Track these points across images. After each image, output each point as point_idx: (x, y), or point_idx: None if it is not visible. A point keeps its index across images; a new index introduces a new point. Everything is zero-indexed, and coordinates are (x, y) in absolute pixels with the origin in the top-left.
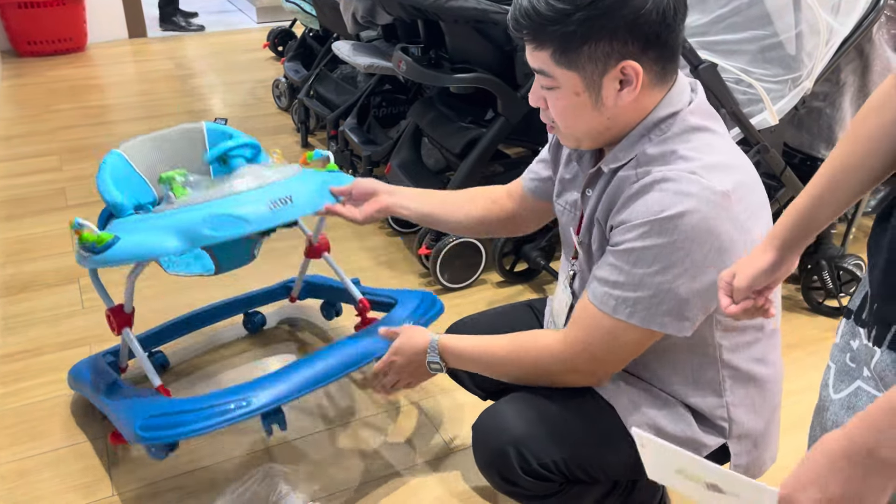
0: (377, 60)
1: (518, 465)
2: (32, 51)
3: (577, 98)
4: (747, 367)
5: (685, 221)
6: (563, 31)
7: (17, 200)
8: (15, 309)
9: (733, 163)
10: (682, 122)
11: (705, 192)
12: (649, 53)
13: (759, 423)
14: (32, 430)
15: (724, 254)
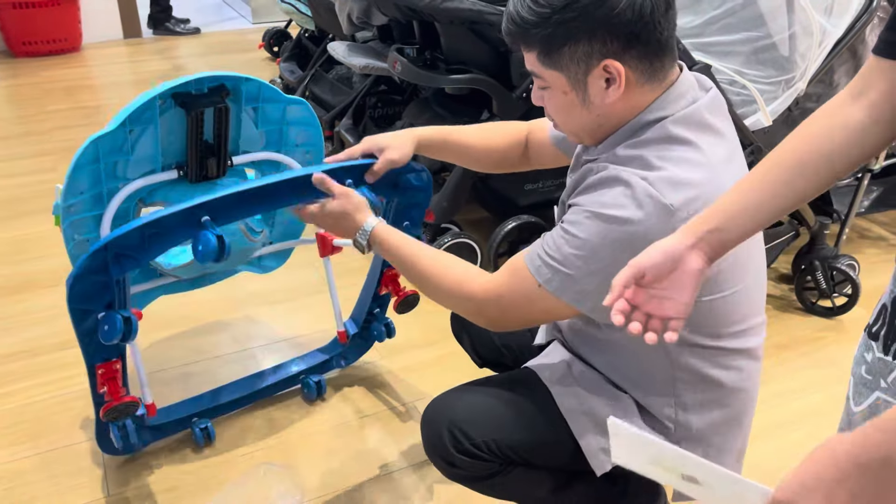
0: (372, 61)
1: (452, 445)
2: (27, 51)
3: (565, 97)
4: (705, 371)
5: (621, 228)
6: (544, 34)
7: (13, 201)
8: (11, 310)
9: (697, 180)
10: (661, 129)
11: (650, 202)
12: (631, 52)
13: (711, 430)
14: (29, 430)
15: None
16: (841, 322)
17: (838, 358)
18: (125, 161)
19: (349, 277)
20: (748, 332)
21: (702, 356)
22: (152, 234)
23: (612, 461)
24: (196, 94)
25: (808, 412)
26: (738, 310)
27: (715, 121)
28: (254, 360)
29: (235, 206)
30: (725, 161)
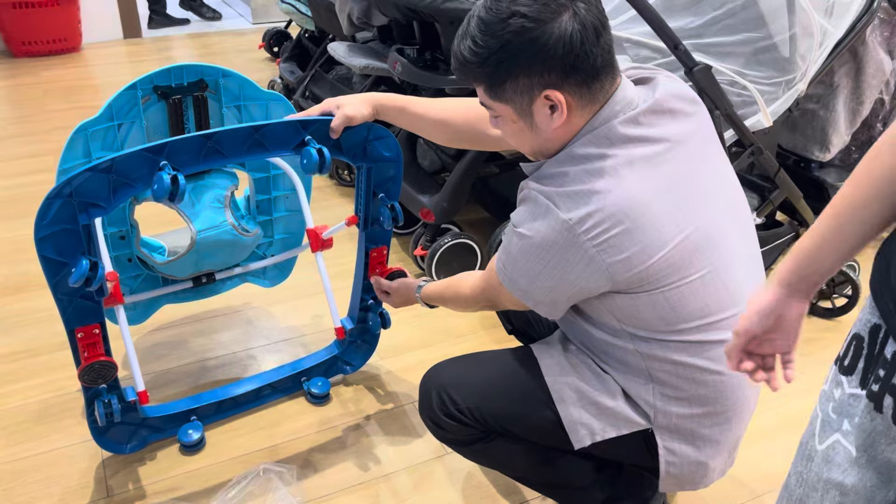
0: (372, 62)
1: (439, 407)
2: (27, 51)
3: (515, 125)
4: (681, 363)
5: (529, 242)
6: (486, 72)
7: (13, 201)
8: (10, 309)
9: (599, 192)
10: (581, 147)
11: (550, 218)
12: (569, 80)
13: (695, 423)
14: (28, 431)
15: (560, 272)
16: (840, 323)
17: None
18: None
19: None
20: (723, 323)
21: (672, 349)
22: (116, 180)
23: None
24: (176, 87)
25: (806, 414)
26: (695, 303)
27: (638, 130)
28: (254, 360)
29: (193, 151)
30: (649, 164)
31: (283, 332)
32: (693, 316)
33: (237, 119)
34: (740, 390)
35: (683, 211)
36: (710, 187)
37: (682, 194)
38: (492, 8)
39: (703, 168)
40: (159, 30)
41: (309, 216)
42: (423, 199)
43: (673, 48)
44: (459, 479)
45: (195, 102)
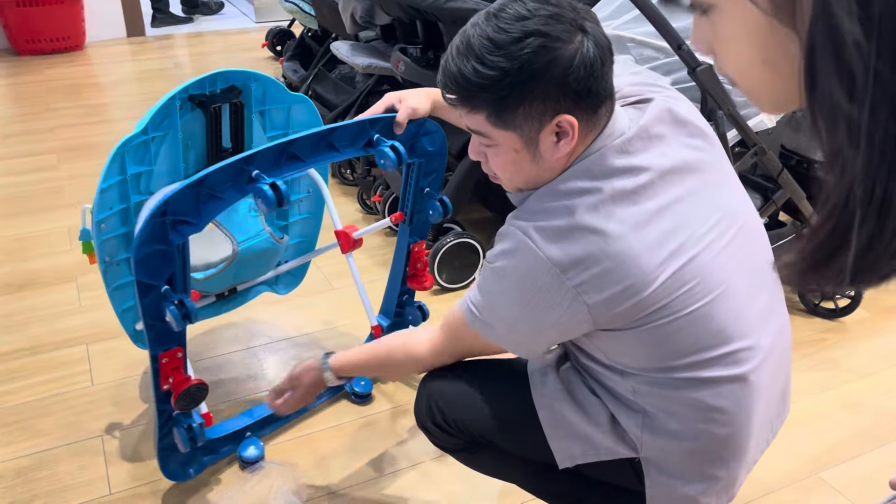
0: (375, 61)
1: (427, 415)
2: (31, 49)
3: (516, 154)
4: (673, 400)
5: (507, 281)
6: (495, 97)
7: (16, 199)
8: (12, 307)
9: (581, 231)
10: (566, 182)
11: (531, 258)
12: (582, 105)
13: (684, 461)
14: (30, 428)
15: (541, 313)
16: (843, 324)
17: (840, 359)
18: (148, 174)
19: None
20: (717, 361)
21: (662, 386)
22: (206, 194)
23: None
24: (210, 95)
25: (809, 414)
26: (684, 340)
27: (624, 160)
28: (256, 359)
29: (275, 159)
30: (636, 198)
31: (285, 331)
32: (683, 353)
33: (261, 125)
34: (735, 439)
35: (671, 246)
36: (706, 215)
37: (670, 228)
38: (501, 27)
39: (699, 196)
40: (162, 28)
41: (336, 218)
42: None
43: (676, 48)
44: (462, 479)
45: (232, 109)
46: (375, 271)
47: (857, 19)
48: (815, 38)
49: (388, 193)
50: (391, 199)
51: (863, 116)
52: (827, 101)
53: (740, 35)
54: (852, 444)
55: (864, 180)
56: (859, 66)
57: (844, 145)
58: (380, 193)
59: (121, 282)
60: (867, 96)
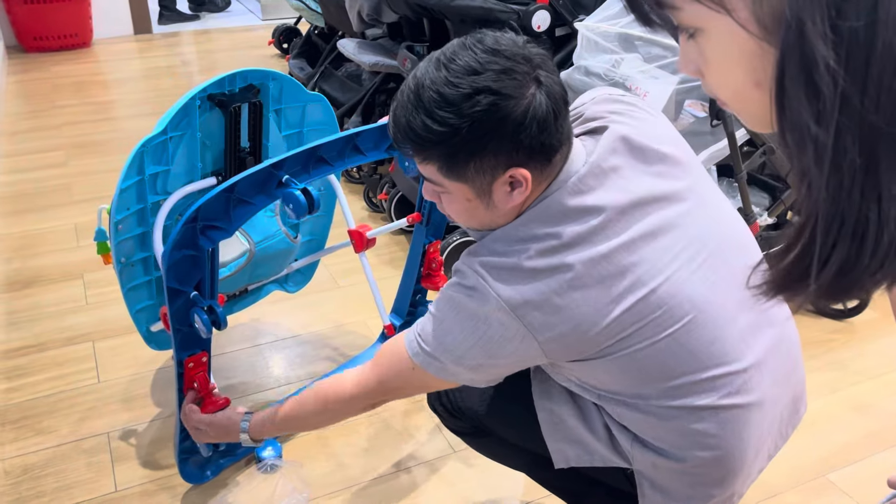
0: (382, 59)
1: (437, 398)
2: (38, 46)
3: (468, 203)
4: (654, 429)
5: (460, 317)
6: (444, 152)
7: (23, 196)
8: (19, 304)
9: (535, 270)
10: (521, 228)
11: (482, 292)
12: (536, 157)
13: (676, 481)
14: (37, 425)
15: (495, 351)
16: (851, 325)
17: (848, 361)
18: (165, 174)
19: (354, 276)
20: (692, 387)
21: (643, 412)
22: (236, 200)
23: None
24: (229, 94)
25: (817, 415)
26: (656, 368)
27: (577, 200)
28: (262, 357)
29: (310, 163)
30: (591, 236)
31: (290, 329)
32: (654, 381)
33: (276, 124)
34: (726, 460)
35: (625, 282)
36: (668, 245)
37: (627, 265)
38: (451, 82)
39: (662, 226)
40: (169, 25)
41: (350, 217)
42: None
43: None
44: (465, 479)
45: (251, 109)
46: (383, 269)
47: (831, 43)
48: (787, 61)
49: (394, 192)
50: (397, 197)
51: (828, 140)
52: (796, 122)
53: (730, 58)
54: (861, 445)
55: (829, 202)
56: (829, 90)
57: (811, 167)
58: (386, 191)
59: (136, 282)
60: (833, 120)
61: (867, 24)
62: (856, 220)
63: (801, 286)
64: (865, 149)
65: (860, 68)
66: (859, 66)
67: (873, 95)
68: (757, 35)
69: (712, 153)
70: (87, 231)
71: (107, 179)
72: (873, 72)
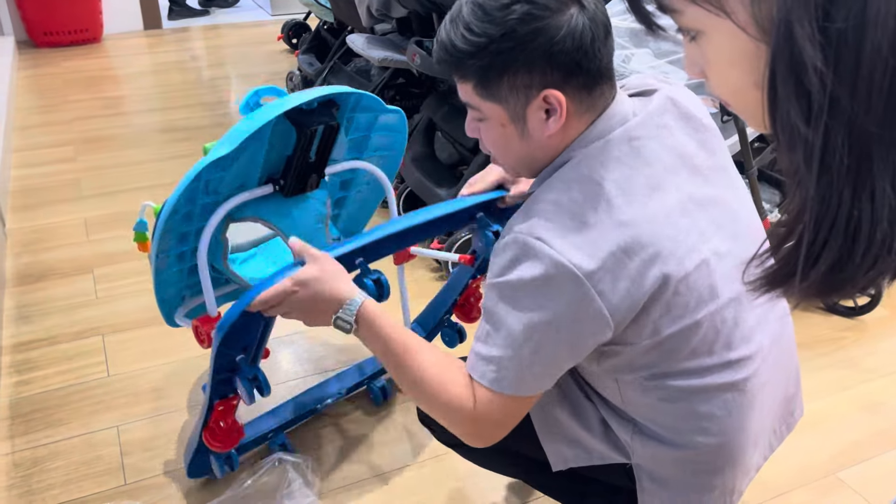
0: (391, 54)
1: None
2: (49, 41)
3: (503, 129)
4: (665, 410)
5: (518, 292)
6: (481, 65)
7: (33, 190)
8: (30, 298)
9: (598, 224)
10: (577, 168)
11: (545, 260)
12: (572, 82)
13: (677, 469)
14: (47, 418)
15: (567, 330)
16: (862, 322)
17: (859, 359)
18: (220, 177)
19: None
20: (714, 368)
21: (654, 394)
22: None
23: None
24: (307, 109)
25: (827, 413)
26: (687, 344)
27: (630, 149)
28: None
29: (386, 246)
30: (650, 187)
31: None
32: (680, 359)
33: (344, 129)
34: (728, 448)
35: (681, 247)
36: (711, 217)
37: (681, 227)
38: None
39: (704, 192)
40: (179, 21)
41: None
42: (441, 191)
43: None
44: (472, 474)
45: (325, 132)
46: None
47: (819, 46)
48: (777, 63)
49: (402, 187)
50: (406, 193)
51: (817, 140)
52: (786, 123)
53: (730, 60)
54: (871, 443)
55: (817, 201)
56: (818, 91)
57: (801, 166)
58: (394, 186)
59: (166, 272)
60: (822, 120)
61: (855, 25)
62: (847, 218)
63: (791, 283)
64: (856, 149)
65: (849, 70)
66: (848, 67)
67: (863, 97)
68: (755, 37)
69: None
70: (96, 226)
71: (117, 174)
72: (863, 73)
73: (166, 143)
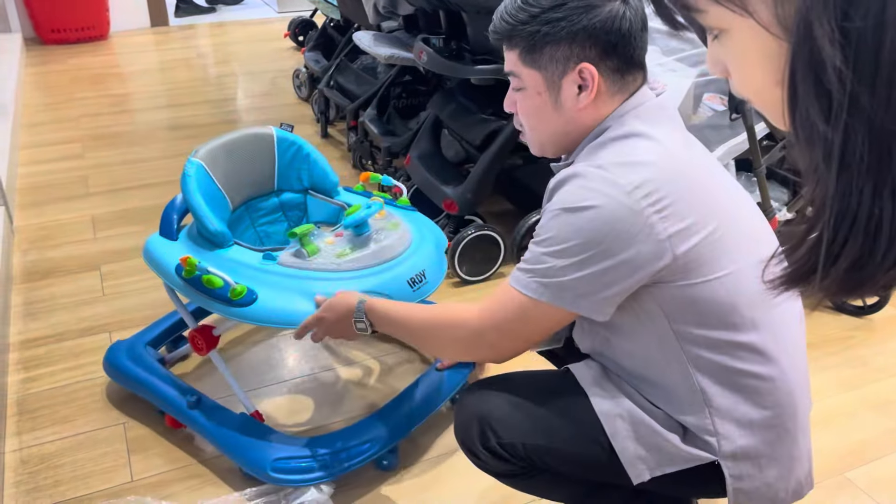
0: (398, 51)
1: (479, 440)
2: (56, 38)
3: (539, 98)
4: (730, 369)
5: (584, 214)
6: (530, 31)
7: (40, 187)
8: (37, 295)
9: (651, 161)
10: (618, 127)
11: (607, 186)
12: (607, 62)
13: (755, 438)
14: (54, 414)
15: (620, 246)
16: (871, 321)
17: (868, 358)
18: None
19: None
20: (773, 318)
21: (722, 351)
22: None
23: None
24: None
25: (836, 413)
26: (749, 291)
27: (666, 113)
28: (276, 349)
29: None
30: (683, 146)
31: None
32: (748, 307)
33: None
34: (792, 395)
35: (715, 200)
36: (731, 194)
37: (708, 188)
38: None
39: (716, 175)
40: (186, 18)
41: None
42: (447, 189)
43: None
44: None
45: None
46: None
47: (839, 45)
48: (796, 62)
49: (409, 185)
50: (412, 192)
51: (836, 138)
52: (805, 121)
53: (753, 58)
54: (880, 443)
55: (837, 199)
56: (837, 90)
57: (820, 164)
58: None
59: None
60: (841, 119)
61: (874, 25)
62: (868, 216)
63: (812, 281)
64: (876, 147)
65: (868, 69)
66: (867, 67)
67: (882, 96)
68: (778, 36)
69: (731, 147)
70: (104, 223)
71: (124, 171)
72: (882, 73)
73: (173, 140)
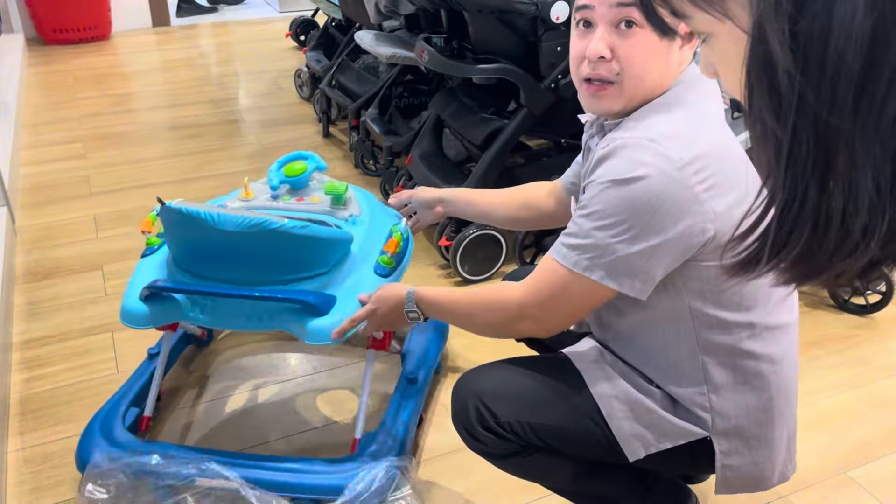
0: (399, 50)
1: (476, 420)
2: (58, 39)
3: (659, 43)
4: (736, 349)
5: (635, 187)
6: None
7: (43, 187)
8: (39, 294)
9: (699, 136)
10: (679, 96)
11: (659, 159)
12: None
13: (749, 419)
14: (56, 414)
15: (671, 221)
16: (874, 320)
17: (870, 356)
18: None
19: None
20: (781, 303)
21: (731, 332)
22: None
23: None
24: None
25: (838, 411)
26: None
27: (714, 88)
28: (279, 348)
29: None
30: (724, 122)
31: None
32: (762, 290)
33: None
34: (789, 380)
35: (748, 181)
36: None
37: (747, 167)
38: None
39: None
40: (187, 18)
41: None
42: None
43: None
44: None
45: None
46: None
47: (788, 47)
48: (752, 63)
49: (410, 184)
50: None
51: (785, 136)
52: (759, 118)
53: (736, 60)
54: (882, 442)
55: (786, 192)
56: (787, 90)
57: (772, 159)
58: (402, 184)
59: (147, 260)
60: (790, 117)
61: (821, 29)
62: (814, 210)
63: (758, 268)
64: (822, 145)
65: (815, 71)
66: (814, 68)
67: (827, 97)
68: None
69: None
70: (106, 222)
71: (126, 171)
72: (827, 74)
73: (175, 140)
